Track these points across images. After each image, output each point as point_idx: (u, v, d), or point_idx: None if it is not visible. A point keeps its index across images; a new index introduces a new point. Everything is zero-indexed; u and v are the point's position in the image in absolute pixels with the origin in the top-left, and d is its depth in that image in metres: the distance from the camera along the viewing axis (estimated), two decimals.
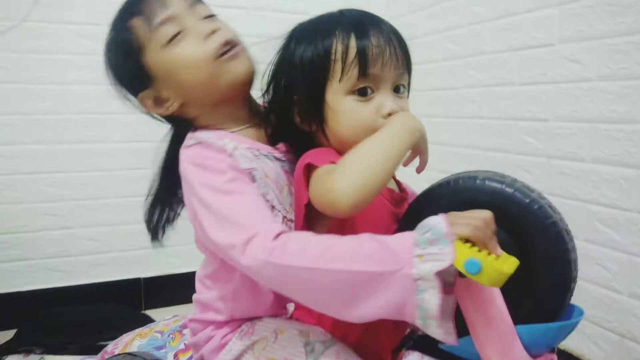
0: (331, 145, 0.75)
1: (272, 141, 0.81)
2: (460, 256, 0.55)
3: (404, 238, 0.58)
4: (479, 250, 0.57)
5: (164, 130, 1.80)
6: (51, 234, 1.70)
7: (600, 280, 1.25)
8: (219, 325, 0.80)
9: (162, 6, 0.76)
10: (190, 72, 0.76)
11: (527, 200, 0.67)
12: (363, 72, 0.70)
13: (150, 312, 1.75)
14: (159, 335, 1.01)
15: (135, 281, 1.81)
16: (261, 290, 0.78)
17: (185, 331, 0.96)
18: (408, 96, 0.81)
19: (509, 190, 0.68)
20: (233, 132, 0.79)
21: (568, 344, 1.34)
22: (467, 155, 1.69)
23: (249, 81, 0.80)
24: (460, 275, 0.58)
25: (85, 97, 1.69)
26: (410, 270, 0.55)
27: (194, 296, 0.85)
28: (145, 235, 1.83)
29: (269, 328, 0.76)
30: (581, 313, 0.68)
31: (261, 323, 0.78)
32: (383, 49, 0.70)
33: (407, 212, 0.76)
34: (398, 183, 0.86)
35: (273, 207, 0.75)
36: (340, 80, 0.71)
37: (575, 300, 0.71)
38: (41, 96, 1.64)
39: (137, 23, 0.76)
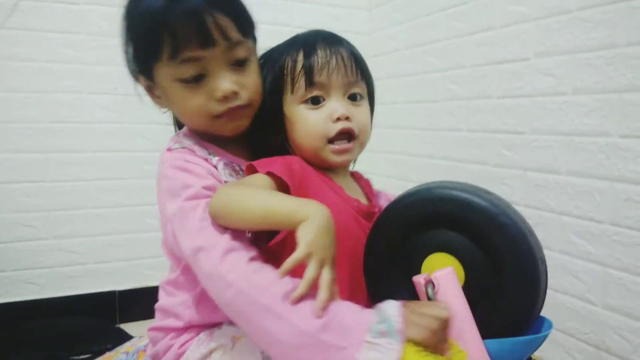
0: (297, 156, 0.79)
1: (255, 158, 0.82)
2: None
3: (362, 319, 0.58)
4: (430, 353, 0.56)
5: (143, 141, 1.79)
6: (25, 245, 1.67)
7: (575, 292, 1.26)
8: (178, 332, 0.78)
9: (197, 38, 0.69)
10: (185, 115, 0.78)
11: (484, 203, 0.67)
12: (309, 81, 0.76)
13: (125, 326, 1.71)
14: (124, 355, 1.00)
15: (110, 294, 1.77)
16: None
17: None
18: (373, 104, 0.84)
19: (465, 195, 0.68)
20: (217, 145, 0.80)
21: (544, 355, 1.34)
22: (445, 167, 1.70)
23: (238, 134, 0.80)
24: None
25: (63, 106, 1.67)
26: (355, 354, 0.55)
27: (156, 304, 0.83)
28: (121, 247, 1.83)
29: (227, 335, 0.75)
30: (550, 326, 0.68)
31: (219, 331, 0.76)
32: (329, 58, 0.76)
33: (373, 228, 0.75)
34: (370, 196, 0.87)
35: None
36: (292, 92, 0.77)
37: (550, 311, 0.71)
38: (19, 104, 1.62)
39: (164, 37, 0.69)
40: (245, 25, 0.75)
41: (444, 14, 1.69)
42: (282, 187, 0.70)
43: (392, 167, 1.97)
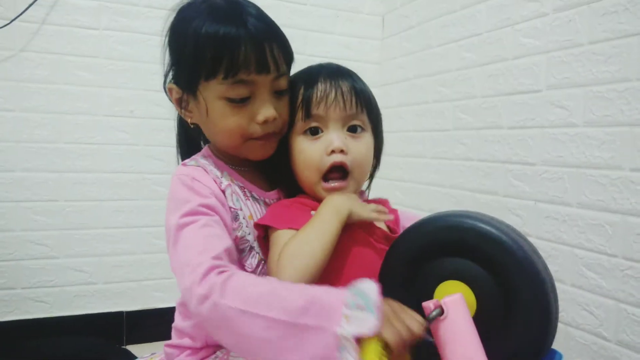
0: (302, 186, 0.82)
1: (270, 186, 0.86)
2: (369, 356, 0.56)
3: (337, 296, 0.59)
4: (388, 355, 0.57)
5: (155, 163, 1.81)
6: (36, 263, 1.68)
7: (588, 327, 1.24)
8: (195, 350, 0.79)
9: (256, 63, 0.73)
10: (221, 132, 0.78)
11: (499, 233, 0.67)
12: (307, 114, 0.78)
13: (132, 347, 1.71)
14: None
15: (118, 315, 1.78)
16: None
17: None
18: (379, 136, 0.86)
19: (481, 225, 0.68)
20: (233, 168, 0.82)
21: None
22: (455, 196, 1.70)
23: (262, 159, 0.83)
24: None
25: (78, 127, 1.70)
26: (335, 328, 0.56)
27: (173, 324, 0.85)
28: (131, 268, 1.83)
29: None
30: (560, 358, 0.67)
31: None
32: (328, 92, 0.78)
33: (387, 255, 0.76)
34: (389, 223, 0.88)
35: (252, 247, 0.78)
36: (293, 124, 0.80)
37: (561, 345, 0.70)
38: (35, 125, 1.65)
39: (225, 57, 0.72)
40: (290, 59, 0.80)
41: (455, 45, 1.71)
42: None
43: (402, 195, 1.97)
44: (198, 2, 0.76)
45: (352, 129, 0.80)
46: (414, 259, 0.72)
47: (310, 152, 0.78)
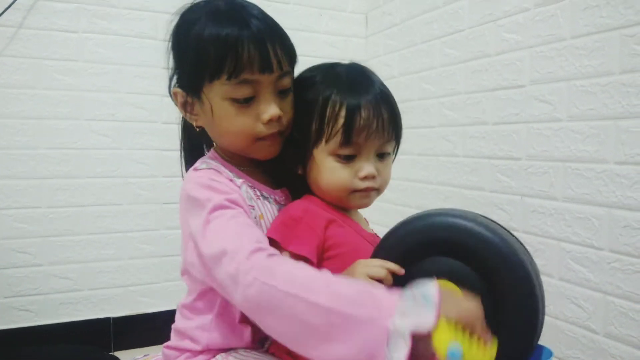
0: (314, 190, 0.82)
1: (276, 184, 0.86)
2: (443, 338, 0.52)
3: (392, 291, 0.57)
4: (463, 333, 0.54)
5: (139, 167, 1.79)
6: (19, 272, 1.65)
7: (576, 320, 1.25)
8: (194, 353, 0.79)
9: (259, 63, 0.73)
10: (228, 133, 0.79)
11: (480, 229, 0.67)
12: (347, 141, 0.76)
13: (120, 354, 1.69)
14: None
15: (105, 321, 1.75)
16: (239, 323, 0.78)
17: None
18: (395, 155, 0.88)
19: (463, 222, 0.69)
20: (240, 169, 0.83)
21: None
22: (442, 192, 1.70)
23: (268, 159, 0.83)
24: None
25: (60, 133, 1.67)
26: (387, 322, 0.53)
27: (173, 325, 0.84)
28: (116, 273, 1.81)
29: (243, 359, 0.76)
30: (550, 354, 0.67)
31: (236, 354, 0.77)
32: (371, 121, 0.77)
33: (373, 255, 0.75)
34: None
35: None
36: (326, 142, 0.78)
37: (551, 339, 0.70)
38: (16, 131, 1.62)
39: (229, 57, 0.72)
40: (294, 58, 0.80)
41: (438, 42, 1.71)
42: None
43: (389, 193, 1.96)
44: (200, 6, 0.77)
45: (381, 155, 0.81)
46: (401, 259, 0.71)
47: (342, 175, 0.78)
